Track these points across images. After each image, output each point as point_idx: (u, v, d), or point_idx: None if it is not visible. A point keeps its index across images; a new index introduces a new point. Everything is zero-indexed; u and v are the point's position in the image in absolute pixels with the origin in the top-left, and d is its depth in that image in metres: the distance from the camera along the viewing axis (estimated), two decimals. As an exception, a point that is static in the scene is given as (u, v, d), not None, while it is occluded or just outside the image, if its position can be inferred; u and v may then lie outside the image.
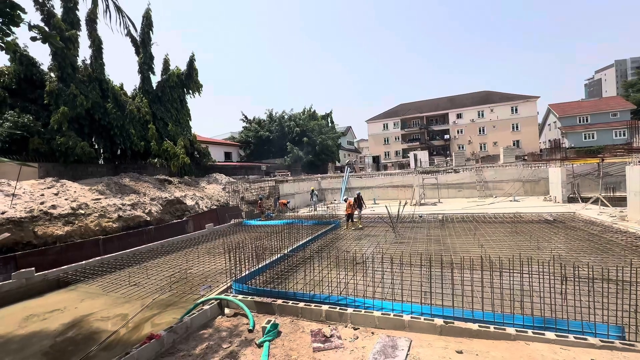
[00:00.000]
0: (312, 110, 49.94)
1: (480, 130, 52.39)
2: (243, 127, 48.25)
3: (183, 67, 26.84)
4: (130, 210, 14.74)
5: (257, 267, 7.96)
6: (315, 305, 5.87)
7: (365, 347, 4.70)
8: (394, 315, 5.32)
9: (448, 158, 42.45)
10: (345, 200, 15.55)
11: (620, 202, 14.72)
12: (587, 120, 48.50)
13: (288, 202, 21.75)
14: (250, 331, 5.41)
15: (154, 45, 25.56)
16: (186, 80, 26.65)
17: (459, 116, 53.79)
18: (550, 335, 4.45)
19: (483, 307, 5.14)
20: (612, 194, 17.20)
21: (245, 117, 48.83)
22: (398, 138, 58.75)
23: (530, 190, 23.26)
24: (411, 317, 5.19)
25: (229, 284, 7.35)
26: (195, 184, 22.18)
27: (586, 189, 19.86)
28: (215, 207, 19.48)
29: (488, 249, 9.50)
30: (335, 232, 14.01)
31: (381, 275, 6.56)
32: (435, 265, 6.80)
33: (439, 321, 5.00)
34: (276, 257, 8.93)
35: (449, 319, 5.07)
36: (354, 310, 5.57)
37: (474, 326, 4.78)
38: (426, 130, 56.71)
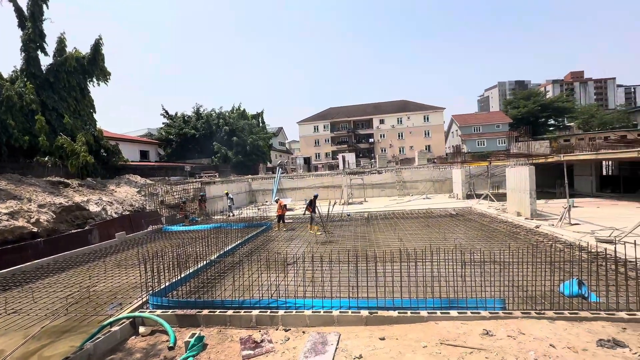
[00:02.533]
0: (241, 108, 48.07)
1: (399, 135, 58.12)
2: (164, 124, 43.59)
3: (87, 51, 22.87)
4: (7, 220, 11.87)
5: (179, 277, 7.27)
6: (245, 312, 5.65)
7: (296, 348, 4.72)
8: (324, 312, 5.48)
9: (372, 160, 45.40)
10: (277, 201, 15.32)
11: (503, 197, 18.00)
12: (479, 130, 58.24)
13: (205, 200, 20.50)
14: (170, 348, 4.90)
15: (48, 21, 21.15)
16: (89, 66, 22.76)
17: (381, 122, 58.69)
18: (454, 313, 5.17)
19: (402, 295, 5.69)
20: (497, 191, 20.98)
21: (167, 112, 44.15)
22: (328, 140, 60.99)
23: (439, 188, 26.72)
24: (340, 312, 5.42)
25: (144, 299, 6.54)
26: (101, 186, 19.12)
27: (479, 187, 23.79)
28: (128, 212, 17.12)
29: (406, 242, 10.54)
30: (267, 234, 13.75)
31: (312, 274, 6.69)
32: (361, 261, 7.25)
33: (364, 312, 5.34)
34: (202, 264, 8.31)
35: (373, 309, 5.46)
36: (285, 312, 5.54)
37: (394, 313, 5.25)
38: (353, 133, 60.21)
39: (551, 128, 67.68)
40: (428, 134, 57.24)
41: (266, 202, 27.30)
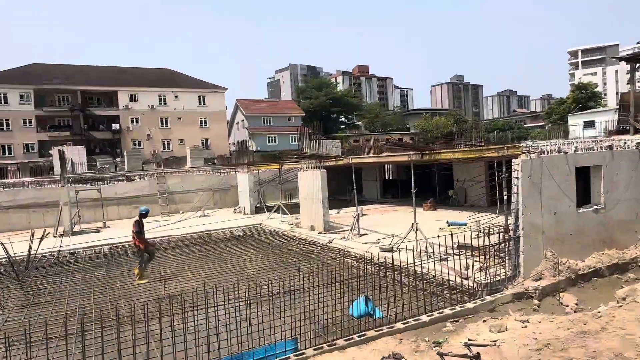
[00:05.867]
0: None
1: (162, 122, 56.88)
2: None
3: None
4: None
5: None
6: None
7: None
8: None
9: (119, 159, 42.67)
10: None
11: (297, 207, 21.48)
12: (270, 122, 67.10)
13: None
14: None
15: None
16: None
17: (133, 98, 55.32)
18: (237, 373, 5.56)
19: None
20: (290, 201, 24.82)
21: None
22: (30, 121, 50.66)
23: (220, 201, 28.32)
24: None
25: None
26: None
27: (271, 197, 27.19)
28: None
29: (172, 284, 10.61)
30: None
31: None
32: (90, 330, 6.48)
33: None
34: None
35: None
36: None
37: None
38: (83, 113, 53.52)
39: (342, 126, 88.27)
40: (205, 122, 59.58)
41: None
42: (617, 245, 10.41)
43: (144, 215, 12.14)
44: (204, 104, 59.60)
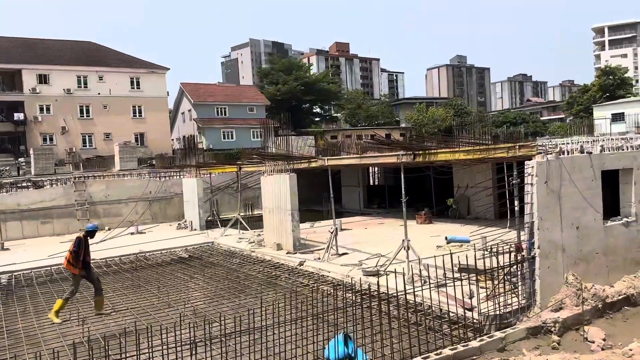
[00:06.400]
0: None
1: (82, 111, 55.71)
2: None
3: None
4: None
5: None
6: None
7: None
8: None
9: (22, 159, 42.62)
10: None
11: (260, 221, 21.36)
12: (225, 113, 66.65)
13: None
14: None
15: None
16: None
17: (43, 80, 54.06)
18: None
19: None
20: (251, 213, 24.66)
21: None
22: None
23: (160, 213, 28.00)
24: None
25: None
26: None
27: (226, 207, 26.98)
28: None
29: (94, 323, 10.43)
30: None
31: None
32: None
33: None
34: None
35: None
36: None
37: None
38: (-24, 99, 51.91)
39: (317, 119, 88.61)
40: (140, 112, 58.68)
41: None
42: (652, 266, 10.72)
43: (91, 233, 11.69)
44: (138, 88, 58.72)
